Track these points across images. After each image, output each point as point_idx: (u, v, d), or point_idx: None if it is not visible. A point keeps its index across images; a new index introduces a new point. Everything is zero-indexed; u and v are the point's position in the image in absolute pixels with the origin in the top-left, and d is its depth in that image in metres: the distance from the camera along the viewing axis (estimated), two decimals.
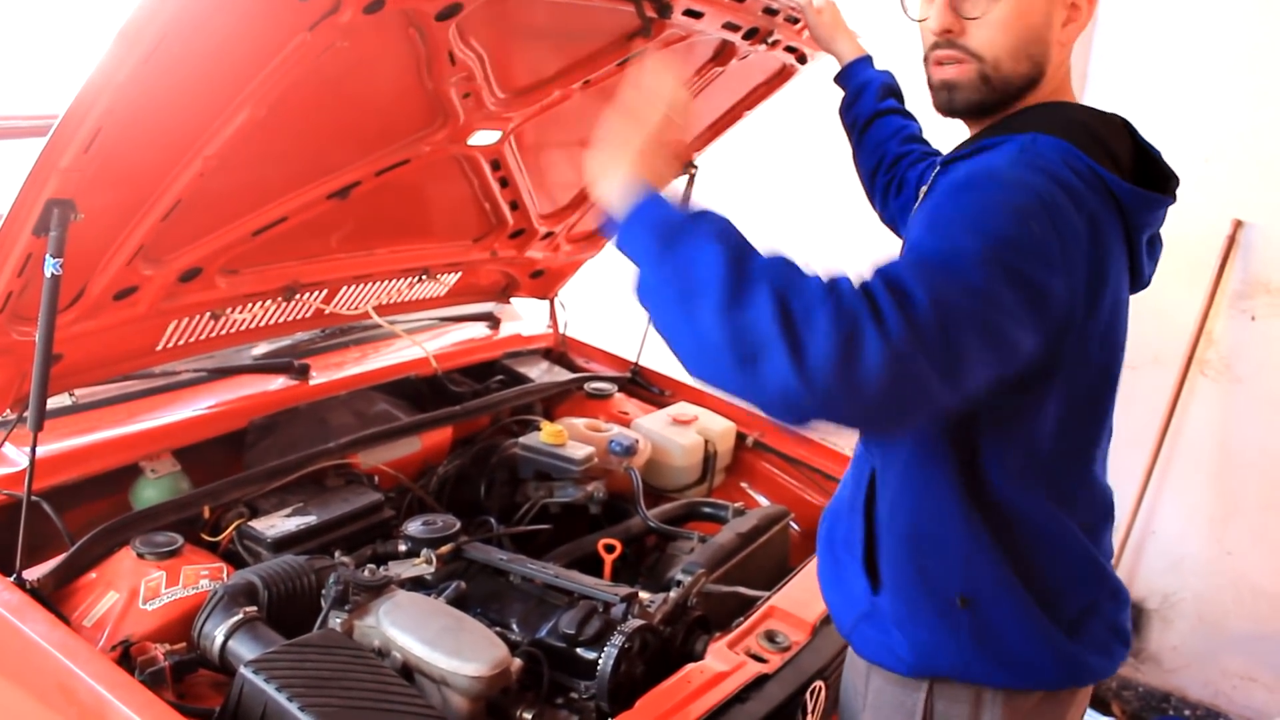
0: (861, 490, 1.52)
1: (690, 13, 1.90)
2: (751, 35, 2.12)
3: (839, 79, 2.09)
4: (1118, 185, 1.32)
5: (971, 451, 1.39)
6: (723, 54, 2.23)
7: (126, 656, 1.63)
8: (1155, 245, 1.52)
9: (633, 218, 1.24)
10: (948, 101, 1.47)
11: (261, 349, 2.55)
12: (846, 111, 2.07)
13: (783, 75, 2.45)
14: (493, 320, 3.07)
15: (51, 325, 1.66)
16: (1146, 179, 1.40)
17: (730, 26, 2.07)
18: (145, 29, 1.38)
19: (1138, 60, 3.20)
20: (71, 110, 1.45)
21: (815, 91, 2.41)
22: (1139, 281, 1.46)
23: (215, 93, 1.63)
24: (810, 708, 1.81)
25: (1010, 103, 1.44)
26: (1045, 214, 1.24)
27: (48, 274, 1.61)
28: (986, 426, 1.37)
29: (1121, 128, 1.44)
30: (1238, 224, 3.11)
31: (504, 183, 2.44)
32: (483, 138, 2.22)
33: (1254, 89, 3.03)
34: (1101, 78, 3.24)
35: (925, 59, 1.48)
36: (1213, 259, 3.13)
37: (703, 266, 1.14)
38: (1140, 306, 3.43)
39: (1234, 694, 3.38)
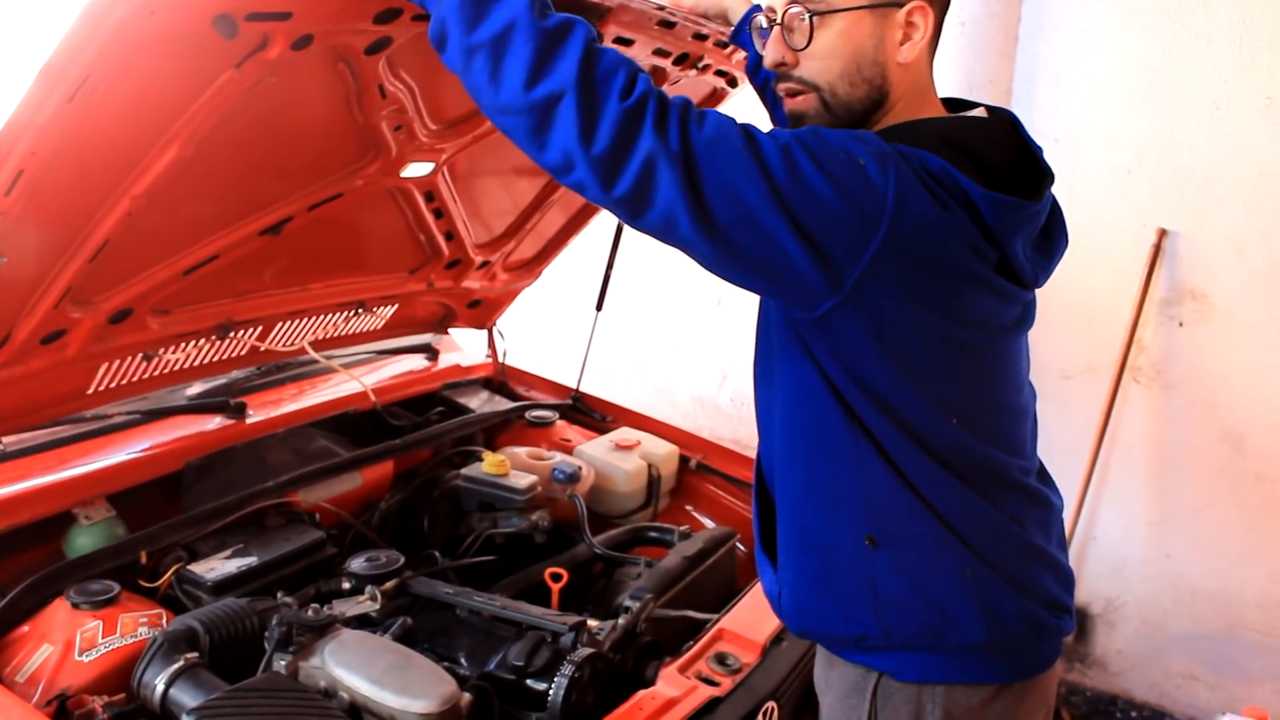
0: (756, 473, 1.59)
1: (620, 40, 1.91)
2: (682, 61, 2.13)
3: (734, 37, 2.03)
4: (974, 190, 1.32)
5: (862, 426, 1.40)
6: (653, 80, 2.23)
7: (63, 711, 1.59)
8: (1054, 244, 1.52)
9: None
10: None
11: (196, 388, 2.51)
12: (754, 74, 1.98)
13: (714, 98, 2.47)
14: (431, 352, 3.05)
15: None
16: (1024, 179, 1.40)
17: (660, 53, 2.07)
18: (68, 68, 1.36)
19: (1058, 76, 3.26)
20: None
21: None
22: (1023, 281, 1.44)
23: (142, 131, 1.60)
24: None
25: (865, 124, 1.46)
26: (880, 161, 1.28)
27: None
28: (861, 391, 1.38)
29: (997, 129, 1.45)
30: (1162, 233, 3.18)
31: (438, 214, 2.43)
32: (416, 170, 2.20)
33: (1171, 102, 3.11)
34: (1023, 94, 3.31)
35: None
36: (1140, 268, 3.20)
37: (513, 47, 1.24)
38: (1072, 316, 3.49)
39: (1177, 694, 3.43)
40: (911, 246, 1.30)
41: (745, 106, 2.43)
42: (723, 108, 2.52)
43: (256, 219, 2.02)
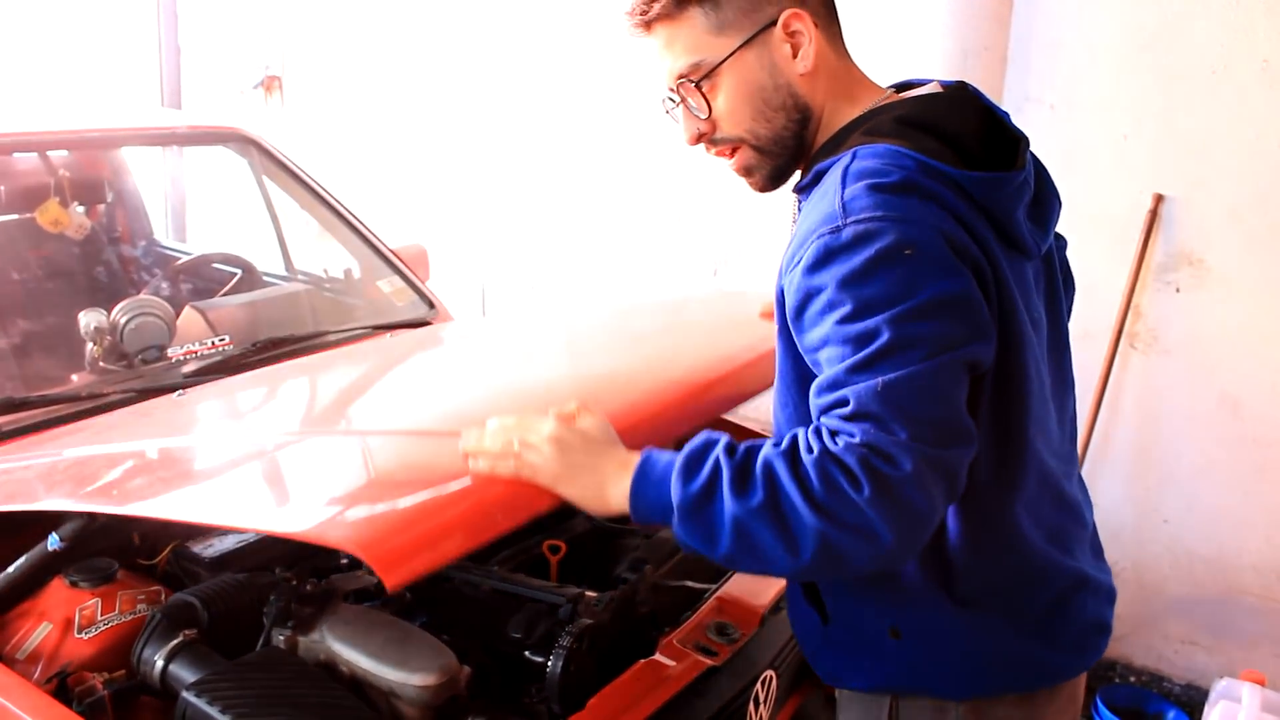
0: None
1: None
2: None
3: None
4: (955, 173, 1.29)
5: None
6: None
7: (64, 688, 1.60)
8: (1046, 210, 1.47)
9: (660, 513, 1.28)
10: (755, 184, 1.48)
11: (191, 366, 2.50)
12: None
13: None
14: (426, 326, 3.05)
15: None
16: (998, 148, 1.37)
17: None
18: None
19: (1054, 42, 3.24)
20: None
21: None
22: (1026, 252, 1.41)
23: None
24: (762, 698, 1.82)
25: (805, 143, 1.43)
26: (903, 228, 1.22)
27: (50, 547, 1.58)
28: None
29: (955, 100, 1.41)
30: (1159, 198, 3.17)
31: None
32: None
33: (1167, 67, 3.09)
34: (1019, 60, 3.29)
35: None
36: (1136, 234, 3.19)
37: (760, 544, 1.21)
38: None
39: (1175, 658, 3.45)
40: (978, 259, 1.28)
41: None
42: None
43: None
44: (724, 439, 1.28)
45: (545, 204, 4.53)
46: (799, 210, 1.47)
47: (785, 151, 1.43)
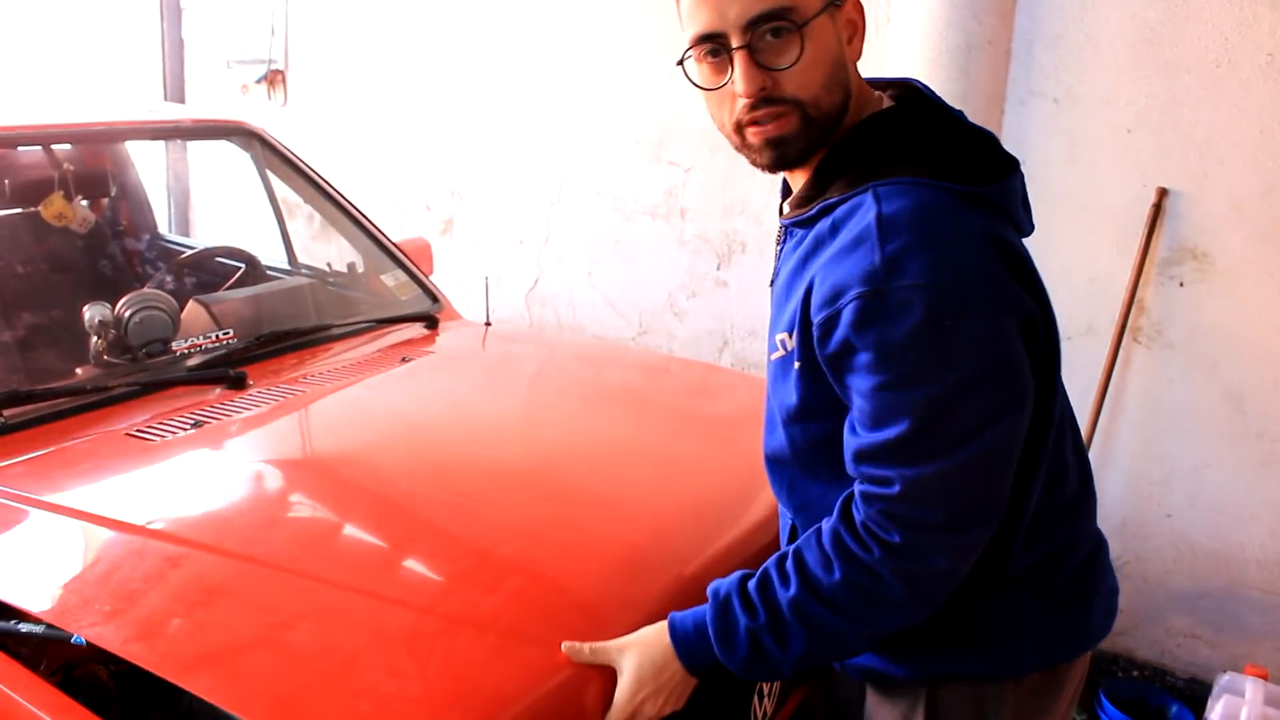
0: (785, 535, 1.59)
1: None
2: None
3: None
4: (974, 191, 1.30)
5: None
6: None
7: (69, 680, 1.60)
8: (1021, 186, 1.48)
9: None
10: (780, 158, 1.38)
11: (195, 360, 2.51)
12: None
13: None
14: (431, 320, 3.05)
15: None
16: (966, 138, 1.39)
17: None
18: None
19: (1058, 36, 3.24)
20: None
21: None
22: (1022, 231, 1.43)
23: None
24: (766, 691, 1.82)
25: (831, 135, 1.39)
26: (943, 298, 1.22)
27: (73, 641, 1.58)
28: None
29: (917, 99, 1.42)
30: (1162, 192, 3.16)
31: None
32: None
33: (1171, 60, 3.09)
34: (1022, 54, 3.28)
35: (736, 126, 1.37)
36: (1140, 228, 3.18)
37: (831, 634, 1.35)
38: (1072, 277, 3.46)
39: (1179, 652, 3.45)
40: (1021, 301, 1.30)
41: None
42: None
43: None
44: (735, 600, 1.39)
45: (550, 197, 4.52)
46: (786, 234, 1.48)
47: (823, 133, 1.37)
